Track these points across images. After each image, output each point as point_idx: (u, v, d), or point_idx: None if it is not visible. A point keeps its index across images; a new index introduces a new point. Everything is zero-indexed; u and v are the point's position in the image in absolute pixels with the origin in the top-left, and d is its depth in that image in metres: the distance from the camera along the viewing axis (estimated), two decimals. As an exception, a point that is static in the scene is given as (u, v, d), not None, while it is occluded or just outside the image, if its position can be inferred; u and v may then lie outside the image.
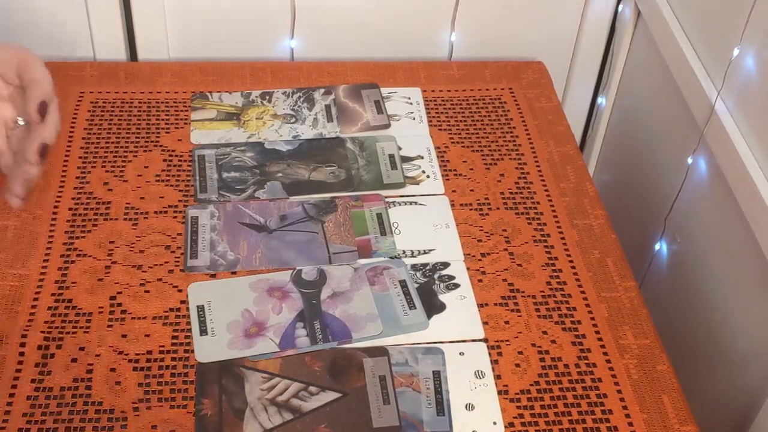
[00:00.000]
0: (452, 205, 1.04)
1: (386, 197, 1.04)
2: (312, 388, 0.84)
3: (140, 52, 1.26)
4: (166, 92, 1.17)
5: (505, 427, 0.82)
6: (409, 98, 1.19)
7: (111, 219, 0.99)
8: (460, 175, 1.09)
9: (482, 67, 1.26)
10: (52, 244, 0.95)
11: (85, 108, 1.13)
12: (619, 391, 0.86)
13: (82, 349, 0.85)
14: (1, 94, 0.90)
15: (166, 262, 0.95)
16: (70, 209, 0.99)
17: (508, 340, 0.90)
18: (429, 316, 0.91)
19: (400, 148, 1.11)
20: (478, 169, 1.10)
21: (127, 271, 0.93)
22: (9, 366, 0.83)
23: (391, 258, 0.97)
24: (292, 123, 1.13)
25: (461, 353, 0.88)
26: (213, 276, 0.94)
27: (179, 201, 1.02)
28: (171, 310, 0.90)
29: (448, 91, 1.22)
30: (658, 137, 1.22)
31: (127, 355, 0.85)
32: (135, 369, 0.84)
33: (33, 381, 0.82)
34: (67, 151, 1.06)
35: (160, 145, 1.09)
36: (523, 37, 1.34)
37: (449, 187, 1.07)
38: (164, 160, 1.07)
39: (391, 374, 0.85)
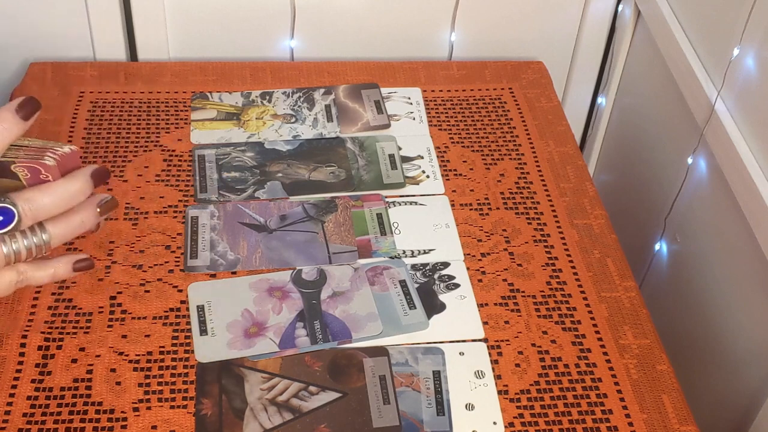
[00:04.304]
0: (452, 205, 1.04)
1: (386, 197, 1.04)
2: (312, 388, 0.84)
3: (140, 52, 1.26)
4: (166, 92, 1.17)
5: (505, 427, 0.82)
6: (409, 98, 1.19)
7: (111, 219, 0.99)
8: (460, 175, 1.09)
9: (482, 67, 1.26)
10: (52, 244, 0.95)
11: (85, 108, 1.13)
12: (619, 391, 0.86)
13: (82, 349, 0.85)
14: None
15: (166, 262, 0.95)
16: (70, 209, 0.99)
17: (508, 340, 0.90)
18: (429, 316, 0.91)
19: (400, 148, 1.11)
20: (478, 169, 1.10)
21: (127, 271, 0.93)
22: (9, 366, 0.83)
23: (391, 258, 0.97)
24: (292, 123, 1.13)
25: (461, 353, 0.88)
26: (213, 276, 0.94)
27: (179, 201, 1.02)
28: (171, 310, 0.90)
29: (448, 91, 1.21)
30: (658, 137, 1.22)
31: (127, 355, 0.85)
32: (135, 369, 0.84)
33: (33, 381, 0.82)
34: (67, 151, 1.06)
35: (160, 145, 1.09)
36: (523, 37, 1.34)
37: (449, 187, 1.07)
38: (164, 160, 1.07)
39: (391, 374, 0.85)
